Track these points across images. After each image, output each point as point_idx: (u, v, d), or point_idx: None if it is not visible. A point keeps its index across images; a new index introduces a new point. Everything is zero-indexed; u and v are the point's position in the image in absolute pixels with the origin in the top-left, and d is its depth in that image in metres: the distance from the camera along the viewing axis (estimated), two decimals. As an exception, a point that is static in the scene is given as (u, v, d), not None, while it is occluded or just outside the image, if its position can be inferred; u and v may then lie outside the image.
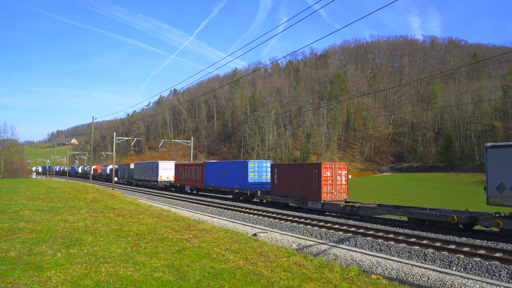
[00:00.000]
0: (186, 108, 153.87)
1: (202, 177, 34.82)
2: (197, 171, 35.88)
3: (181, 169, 39.56)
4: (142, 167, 50.54)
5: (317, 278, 7.15)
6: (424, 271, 9.76)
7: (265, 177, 28.93)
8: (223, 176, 31.33)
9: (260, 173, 28.69)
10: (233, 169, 30.08)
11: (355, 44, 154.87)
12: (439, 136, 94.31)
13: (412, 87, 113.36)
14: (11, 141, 73.92)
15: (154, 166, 45.94)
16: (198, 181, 35.84)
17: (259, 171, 28.67)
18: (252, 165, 28.51)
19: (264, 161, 29.48)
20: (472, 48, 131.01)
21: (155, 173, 45.14)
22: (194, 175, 36.37)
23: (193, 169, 36.68)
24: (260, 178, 28.73)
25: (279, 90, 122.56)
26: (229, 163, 31.60)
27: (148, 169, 47.92)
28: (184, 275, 6.80)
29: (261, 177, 28.81)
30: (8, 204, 16.69)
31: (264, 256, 8.71)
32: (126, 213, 15.55)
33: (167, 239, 10.03)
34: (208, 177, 33.90)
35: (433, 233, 14.99)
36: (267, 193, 26.90)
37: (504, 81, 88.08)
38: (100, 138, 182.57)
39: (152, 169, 46.39)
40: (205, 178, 34.34)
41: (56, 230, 10.68)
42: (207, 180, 34.17)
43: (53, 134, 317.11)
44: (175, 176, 40.92)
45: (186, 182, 38.31)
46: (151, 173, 46.44)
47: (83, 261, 7.39)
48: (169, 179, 44.01)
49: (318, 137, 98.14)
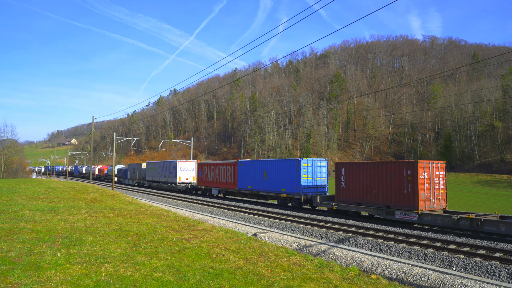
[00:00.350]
0: (186, 108, 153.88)
1: (235, 178, 30.29)
2: (227, 172, 31.48)
3: (206, 169, 34.88)
4: (157, 167, 46.05)
5: (317, 278, 7.15)
6: (424, 271, 9.76)
7: (319, 179, 24.33)
8: (264, 177, 26.73)
9: (314, 174, 24.13)
10: (278, 169, 25.57)
11: (355, 44, 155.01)
12: (439, 136, 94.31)
13: (412, 87, 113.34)
14: (11, 141, 73.99)
15: (171, 166, 41.30)
16: (228, 183, 31.23)
17: (313, 172, 24.14)
18: (305, 164, 23.81)
19: (319, 160, 24.86)
20: (472, 48, 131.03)
21: (172, 174, 40.70)
22: (224, 176, 31.85)
23: (222, 169, 32.20)
24: (314, 180, 24.06)
25: (279, 90, 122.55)
26: (273, 162, 26.88)
27: (164, 169, 43.39)
28: (184, 275, 6.80)
29: (315, 179, 24.15)
30: (8, 204, 16.69)
31: (264, 256, 8.71)
32: (126, 213, 15.55)
33: (167, 239, 10.03)
34: (243, 178, 29.24)
35: (433, 233, 15.00)
36: (328, 199, 22.11)
37: (504, 81, 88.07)
38: (100, 138, 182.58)
39: (169, 169, 41.91)
40: (239, 180, 29.67)
41: (56, 230, 10.68)
42: (242, 182, 29.50)
43: (53, 134, 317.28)
44: (198, 178, 36.40)
45: (213, 184, 33.60)
46: (168, 174, 41.98)
47: (83, 261, 7.39)
48: (189, 181, 39.70)
49: (318, 137, 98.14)
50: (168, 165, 42.36)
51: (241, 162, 29.86)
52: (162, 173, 43.81)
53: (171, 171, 41.28)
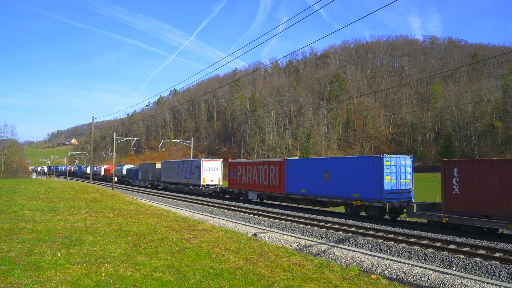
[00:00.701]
0: (186, 108, 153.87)
1: (281, 180, 25.11)
2: (269, 172, 26.48)
3: (240, 169, 29.76)
4: (174, 167, 41.57)
5: (317, 278, 7.15)
6: (424, 271, 9.76)
7: (404, 181, 19.64)
8: (324, 179, 21.68)
9: (398, 175, 19.35)
10: (348, 169, 20.39)
11: (355, 44, 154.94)
12: (439, 136, 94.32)
13: (412, 87, 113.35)
14: (11, 141, 73.99)
15: (193, 166, 36.65)
16: (271, 186, 26.12)
17: (397, 172, 19.31)
18: (389, 163, 18.95)
19: (402, 157, 19.89)
20: (472, 48, 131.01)
21: (195, 175, 36.04)
22: (265, 178, 26.87)
23: (263, 169, 27.20)
24: (398, 183, 19.30)
25: (279, 90, 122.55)
26: (339, 161, 21.27)
27: (184, 169, 38.80)
28: (184, 275, 6.80)
29: (399, 182, 19.41)
30: (8, 204, 16.69)
31: (264, 256, 8.71)
32: (126, 213, 15.55)
33: (167, 239, 10.03)
34: (294, 180, 24.07)
35: (433, 233, 14.99)
36: (427, 207, 16.96)
37: (504, 81, 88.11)
38: (100, 138, 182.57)
39: (190, 169, 37.28)
40: (288, 182, 24.55)
41: (56, 230, 10.69)
42: (291, 184, 24.30)
43: (53, 134, 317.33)
44: (230, 179, 31.30)
45: (250, 187, 28.65)
46: (190, 175, 37.29)
47: (83, 261, 7.39)
48: (214, 183, 35.34)
49: (318, 137, 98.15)
50: (190, 165, 37.62)
51: (291, 161, 24.67)
52: (182, 174, 39.18)
53: (193, 171, 36.60)
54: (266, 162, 27.40)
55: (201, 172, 35.20)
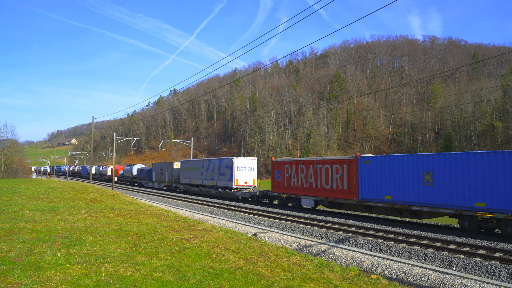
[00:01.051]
0: (186, 108, 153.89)
1: (351, 183, 19.96)
2: (332, 173, 21.20)
3: (289, 169, 24.47)
4: (198, 167, 36.34)
5: (317, 278, 7.15)
6: (424, 271, 9.76)
7: None
8: (424, 182, 16.64)
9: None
10: (465, 169, 15.31)
11: (355, 44, 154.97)
12: (439, 136, 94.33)
13: (412, 87, 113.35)
14: (11, 141, 74.03)
15: (224, 165, 31.73)
16: (336, 191, 20.88)
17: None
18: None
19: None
20: (472, 48, 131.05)
21: (226, 176, 31.21)
22: (326, 180, 21.59)
23: (322, 169, 21.90)
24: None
25: (279, 90, 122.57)
26: (451, 158, 16.01)
27: (210, 169, 33.86)
28: (184, 275, 6.80)
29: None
30: (8, 204, 16.69)
31: (264, 256, 8.71)
32: (126, 213, 15.55)
33: (167, 239, 10.03)
34: (372, 183, 19.01)
35: (433, 233, 14.99)
36: None
37: (504, 81, 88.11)
38: (100, 138, 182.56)
39: (218, 170, 32.47)
40: (362, 186, 19.30)
41: (56, 230, 10.68)
42: (367, 189, 19.13)
43: (53, 134, 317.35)
44: (274, 181, 26.05)
45: (304, 192, 23.11)
46: (218, 176, 32.51)
47: (83, 261, 7.39)
48: (248, 185, 30.65)
49: (318, 137, 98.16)
50: (218, 164, 32.79)
51: (367, 158, 19.47)
52: (207, 175, 34.27)
53: (223, 172, 31.75)
54: (328, 160, 22.09)
55: (233, 173, 30.08)
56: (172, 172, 42.24)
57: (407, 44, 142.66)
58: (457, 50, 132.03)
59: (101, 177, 70.75)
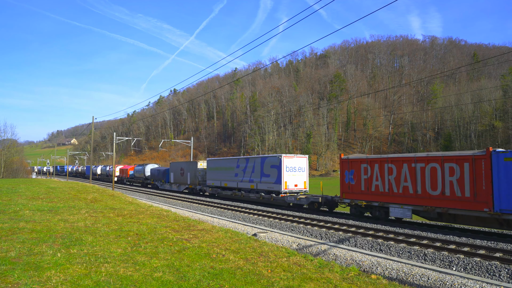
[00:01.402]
0: (186, 108, 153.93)
1: (477, 188, 14.57)
2: (443, 175, 15.76)
3: (368, 169, 18.97)
4: (230, 166, 30.76)
5: (317, 278, 7.15)
6: (424, 271, 9.76)
7: None
8: None
9: None
10: None
11: (355, 44, 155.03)
12: (439, 136, 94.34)
13: (412, 87, 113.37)
14: (11, 141, 74.00)
15: (267, 164, 26.14)
16: (449, 199, 15.40)
17: None
18: None
19: None
20: (472, 48, 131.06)
21: (271, 177, 25.55)
22: (432, 184, 16.15)
23: (426, 169, 16.40)
24: None
25: (279, 90, 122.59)
26: None
27: (249, 169, 28.21)
28: (184, 275, 6.80)
29: None
30: (8, 204, 16.69)
31: (264, 256, 8.71)
32: (126, 213, 15.55)
33: (167, 239, 10.03)
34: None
35: (433, 233, 14.99)
36: None
37: (504, 81, 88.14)
38: (100, 138, 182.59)
39: (260, 170, 26.80)
40: (501, 192, 13.80)
41: (56, 230, 10.69)
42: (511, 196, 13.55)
43: (53, 134, 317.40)
44: (345, 184, 20.15)
45: (394, 199, 17.61)
46: (260, 177, 26.77)
47: (83, 261, 7.39)
48: (298, 188, 25.07)
49: (318, 137, 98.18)
50: (260, 163, 26.92)
51: (508, 155, 13.83)
52: (245, 176, 28.66)
53: (267, 172, 26.13)
54: (435, 157, 16.34)
55: (281, 174, 24.54)
56: (195, 172, 36.68)
57: (407, 44, 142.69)
58: (457, 50, 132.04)
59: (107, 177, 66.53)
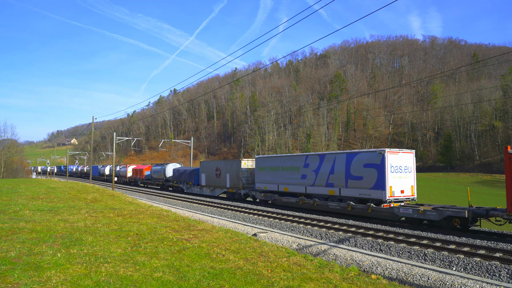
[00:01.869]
0: (186, 108, 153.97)
1: None
2: None
3: None
4: (294, 166, 23.77)
5: (317, 278, 7.15)
6: (424, 271, 9.76)
7: None
8: None
9: None
10: None
11: (355, 44, 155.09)
12: (439, 136, 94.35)
13: (412, 87, 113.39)
14: (11, 141, 73.97)
15: (358, 162, 19.35)
16: None
17: None
18: None
19: None
20: (472, 48, 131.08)
21: (365, 180, 18.82)
22: None
23: None
24: None
25: (279, 90, 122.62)
26: None
27: (325, 168, 21.26)
28: (184, 275, 6.80)
29: None
30: (8, 204, 16.69)
31: (264, 256, 8.71)
32: (126, 213, 15.55)
33: (167, 239, 10.03)
34: None
35: (433, 233, 14.98)
36: None
37: (504, 81, 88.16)
38: (100, 138, 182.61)
39: (344, 170, 19.97)
40: None
41: (56, 230, 10.68)
42: None
43: (53, 134, 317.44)
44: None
45: None
46: (345, 180, 19.93)
47: (83, 261, 7.39)
48: (406, 195, 18.63)
49: (318, 137, 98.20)
50: (345, 162, 20.02)
51: None
52: (318, 178, 21.69)
53: (357, 173, 19.22)
54: None
55: (385, 176, 17.83)
56: (238, 173, 30.20)
57: (407, 44, 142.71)
58: (457, 50, 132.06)
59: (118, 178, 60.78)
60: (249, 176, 29.91)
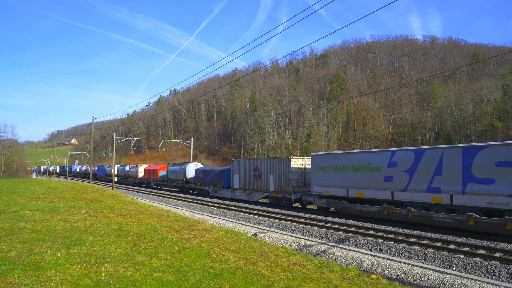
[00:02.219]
0: (186, 108, 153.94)
1: None
2: None
3: None
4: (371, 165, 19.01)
5: (317, 278, 7.15)
6: (424, 271, 9.76)
7: None
8: None
9: None
10: None
11: (355, 44, 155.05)
12: (439, 136, 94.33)
13: (412, 87, 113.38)
14: (11, 141, 73.98)
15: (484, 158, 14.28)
16: None
17: None
18: None
19: None
20: (472, 48, 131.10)
21: (499, 184, 13.63)
22: None
23: None
24: None
25: (279, 90, 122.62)
26: None
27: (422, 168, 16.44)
28: (184, 275, 6.80)
29: None
30: (8, 204, 16.69)
31: (264, 256, 8.71)
32: (126, 213, 15.55)
33: (167, 239, 10.03)
34: None
35: (433, 233, 14.98)
36: None
37: (504, 81, 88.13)
38: (100, 138, 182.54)
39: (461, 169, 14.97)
40: None
41: (56, 230, 10.68)
42: None
43: (53, 134, 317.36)
44: None
45: None
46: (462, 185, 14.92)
47: (83, 261, 7.39)
48: None
49: (318, 137, 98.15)
50: (461, 158, 15.16)
51: None
52: (413, 180, 16.82)
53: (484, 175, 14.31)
54: None
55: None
56: (287, 175, 25.29)
57: (407, 44, 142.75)
58: (457, 50, 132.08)
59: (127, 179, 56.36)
60: (299, 178, 25.11)
